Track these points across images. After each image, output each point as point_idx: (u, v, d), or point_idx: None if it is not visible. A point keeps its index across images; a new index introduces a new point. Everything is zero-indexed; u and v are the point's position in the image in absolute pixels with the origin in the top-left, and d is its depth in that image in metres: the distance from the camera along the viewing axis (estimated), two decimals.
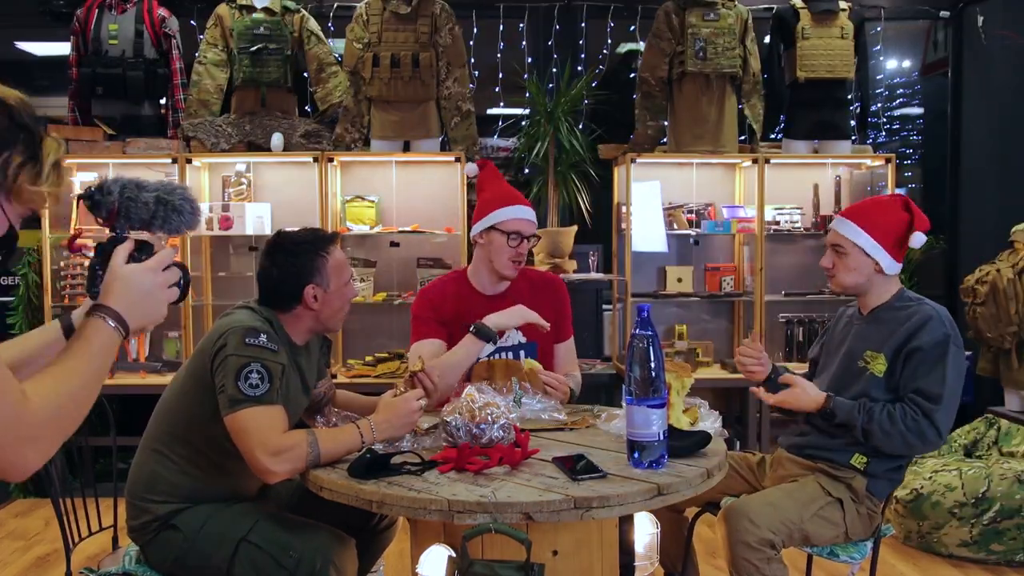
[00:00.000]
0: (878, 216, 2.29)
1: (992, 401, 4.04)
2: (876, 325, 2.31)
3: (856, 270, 2.29)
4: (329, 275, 2.07)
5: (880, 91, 5.18)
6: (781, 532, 2.13)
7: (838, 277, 2.32)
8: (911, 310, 2.27)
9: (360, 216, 4.40)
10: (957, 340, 2.23)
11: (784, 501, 2.20)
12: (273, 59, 4.24)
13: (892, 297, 2.33)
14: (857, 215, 2.31)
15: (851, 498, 2.24)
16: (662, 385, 1.84)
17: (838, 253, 2.31)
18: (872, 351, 2.27)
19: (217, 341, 1.94)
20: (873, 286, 2.32)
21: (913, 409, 2.17)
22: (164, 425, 2.06)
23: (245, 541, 1.97)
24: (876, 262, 2.28)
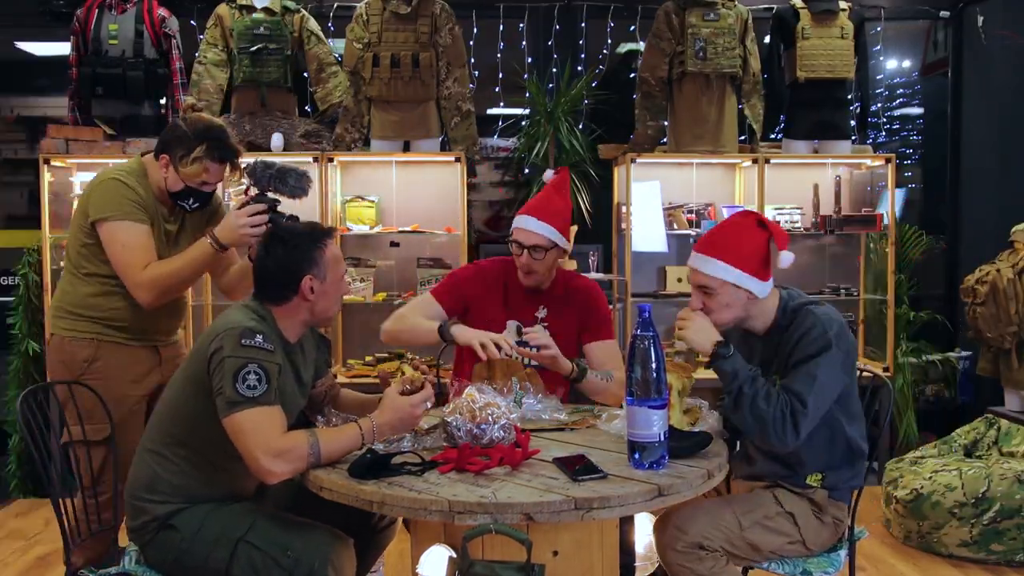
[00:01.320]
0: (736, 243, 2.11)
1: (992, 401, 4.04)
2: (772, 349, 2.20)
3: (730, 305, 2.12)
4: (326, 267, 2.07)
5: (880, 91, 5.18)
6: (715, 537, 2.05)
7: (713, 317, 2.13)
8: (794, 324, 2.14)
9: (360, 216, 4.40)
10: (841, 342, 2.08)
11: (719, 508, 2.12)
12: (273, 59, 4.24)
13: (777, 314, 2.18)
14: (714, 249, 2.12)
15: (812, 511, 2.16)
16: (663, 386, 1.84)
17: (706, 294, 2.13)
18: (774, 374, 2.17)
19: (212, 343, 1.93)
20: (752, 312, 2.17)
21: (787, 404, 2.03)
22: (163, 426, 2.06)
23: (243, 541, 1.97)
24: (748, 291, 2.11)
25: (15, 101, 5.52)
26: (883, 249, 4.49)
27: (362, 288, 4.31)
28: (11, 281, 4.50)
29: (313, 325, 2.16)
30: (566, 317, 2.65)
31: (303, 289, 2.04)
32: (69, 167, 4.33)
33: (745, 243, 2.12)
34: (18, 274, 4.29)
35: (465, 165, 4.26)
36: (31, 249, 4.27)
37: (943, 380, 4.65)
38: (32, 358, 4.26)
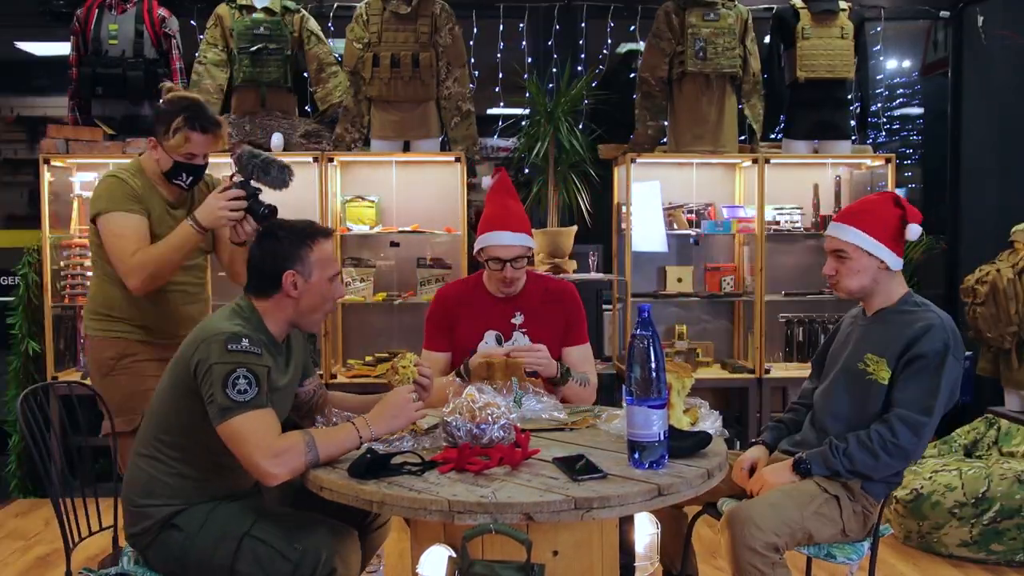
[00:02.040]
0: (873, 215, 2.28)
1: (992, 401, 4.04)
2: (881, 327, 2.30)
3: (861, 272, 2.28)
4: (312, 266, 2.05)
5: (880, 91, 5.18)
6: (784, 533, 2.12)
7: (843, 282, 2.30)
8: (916, 315, 2.26)
9: (360, 216, 4.40)
10: (957, 351, 2.22)
11: (784, 501, 2.19)
12: (273, 59, 4.24)
13: (899, 300, 2.32)
14: (852, 217, 2.30)
15: (847, 496, 2.23)
16: (663, 385, 1.84)
17: (840, 258, 2.29)
18: (874, 354, 2.26)
19: (197, 351, 1.92)
20: (880, 286, 2.31)
21: (888, 430, 2.17)
22: (155, 430, 2.05)
23: (248, 536, 1.96)
24: (880, 260, 2.27)
25: (15, 101, 5.52)
26: None
27: (362, 288, 4.31)
28: (11, 281, 4.50)
29: (298, 326, 2.13)
30: (546, 319, 2.65)
31: (285, 284, 2.03)
32: (69, 167, 4.34)
33: (881, 216, 2.28)
34: (18, 274, 4.29)
35: (465, 165, 4.26)
36: (31, 249, 4.27)
37: None
38: (32, 358, 4.27)
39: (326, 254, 2.09)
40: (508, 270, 2.57)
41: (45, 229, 4.15)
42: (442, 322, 2.68)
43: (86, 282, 4.28)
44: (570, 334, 2.67)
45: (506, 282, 2.60)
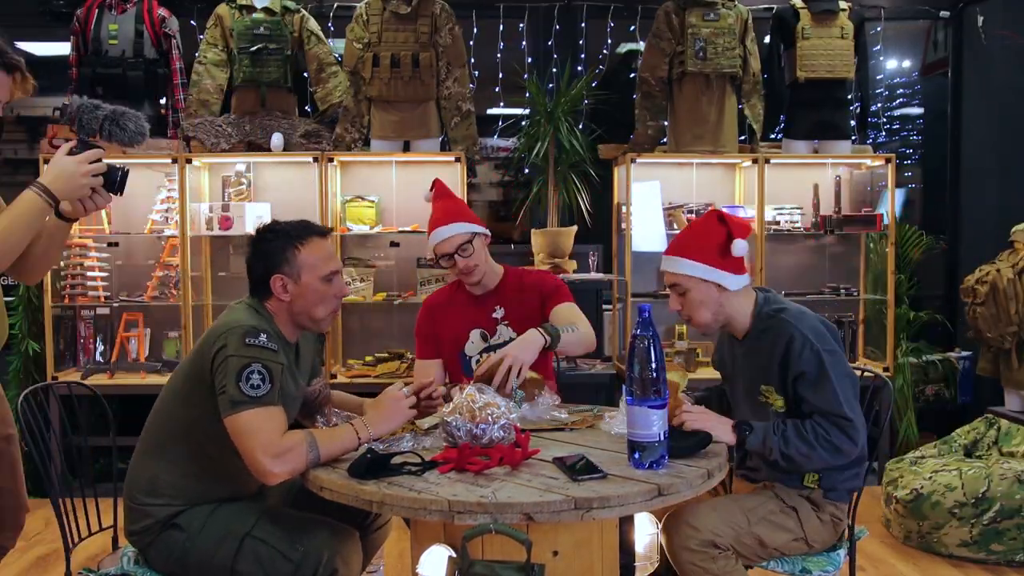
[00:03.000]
0: (697, 240, 2.20)
1: (992, 401, 4.04)
2: (753, 355, 2.23)
3: (704, 302, 2.18)
4: (300, 267, 2.04)
5: (880, 91, 5.18)
6: (725, 534, 2.08)
7: (693, 317, 2.21)
8: (772, 331, 2.17)
9: (360, 216, 4.39)
10: (827, 346, 2.12)
11: (728, 505, 2.15)
12: (273, 59, 4.24)
13: (752, 318, 2.22)
14: (680, 248, 2.22)
15: (810, 508, 2.19)
16: (663, 385, 1.84)
17: (679, 293, 2.22)
18: (764, 384, 2.20)
19: (216, 341, 1.93)
20: (729, 310, 2.21)
21: (823, 426, 2.09)
22: (162, 428, 2.05)
23: (250, 536, 1.97)
24: (716, 284, 2.16)
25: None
26: (883, 249, 4.49)
27: (362, 288, 4.31)
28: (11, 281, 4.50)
29: (303, 328, 2.13)
30: (525, 307, 2.66)
31: (274, 288, 2.03)
32: None
33: (705, 238, 2.19)
34: None
35: (465, 165, 4.26)
36: None
37: (943, 380, 4.65)
38: (32, 358, 4.26)
39: (318, 254, 2.07)
40: (459, 261, 2.58)
41: None
42: (429, 331, 2.74)
43: (86, 282, 4.29)
44: (551, 299, 2.64)
45: (465, 272, 2.60)
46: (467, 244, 2.59)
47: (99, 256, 4.32)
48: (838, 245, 4.72)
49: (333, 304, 2.11)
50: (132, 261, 4.50)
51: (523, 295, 2.69)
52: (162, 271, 4.31)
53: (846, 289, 4.53)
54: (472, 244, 2.59)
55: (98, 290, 4.30)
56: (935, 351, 4.70)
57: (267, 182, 4.50)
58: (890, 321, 4.40)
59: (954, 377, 4.63)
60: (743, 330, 2.25)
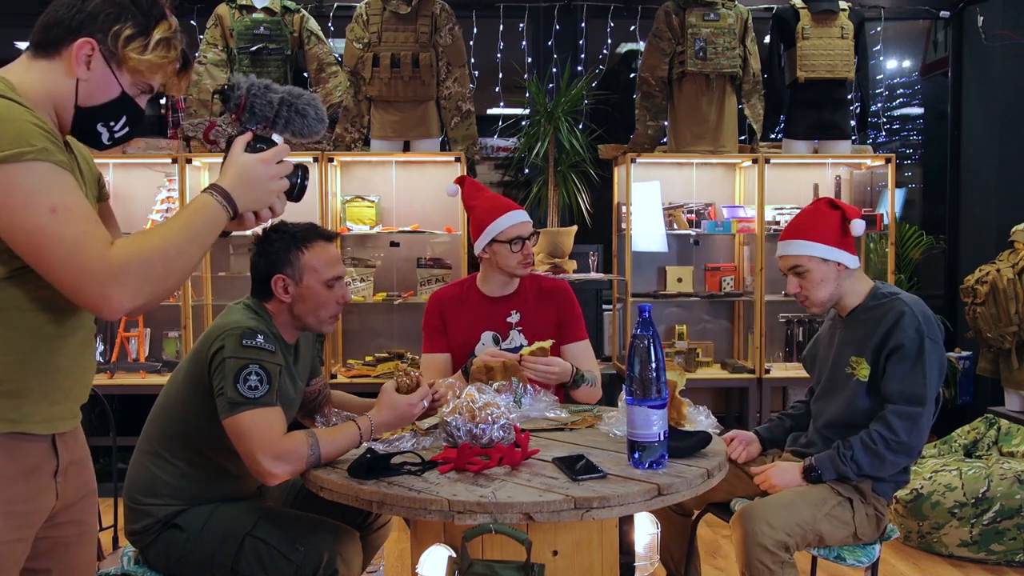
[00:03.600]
0: (814, 223, 2.30)
1: (992, 401, 4.04)
2: (855, 328, 2.31)
3: (824, 281, 2.29)
4: (302, 270, 2.04)
5: (880, 91, 5.18)
6: (796, 534, 2.13)
7: (811, 297, 2.31)
8: (884, 307, 2.26)
9: (360, 216, 4.40)
10: (932, 333, 2.22)
11: (797, 502, 2.19)
12: (273, 59, 4.24)
13: (866, 296, 2.33)
14: (796, 231, 2.32)
15: (860, 499, 2.24)
16: (663, 385, 1.84)
17: (799, 274, 2.31)
18: (855, 356, 2.28)
19: (214, 343, 1.93)
20: (844, 289, 2.32)
21: (886, 428, 2.17)
22: (162, 428, 2.05)
23: (250, 536, 1.97)
24: (837, 263, 2.28)
25: None
26: (883, 249, 4.49)
27: (362, 288, 4.31)
28: None
29: (304, 330, 2.13)
30: (542, 317, 2.65)
31: (275, 288, 2.03)
32: None
33: (821, 220, 2.30)
34: None
35: (465, 165, 4.26)
36: None
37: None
38: None
39: (323, 258, 2.07)
40: (527, 247, 2.61)
41: None
42: (438, 324, 2.68)
43: None
44: (568, 331, 2.67)
45: (526, 262, 2.61)
46: (534, 234, 2.64)
47: None
48: None
49: (334, 309, 2.11)
50: None
51: (540, 304, 2.68)
52: None
53: None
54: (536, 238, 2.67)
55: None
56: None
57: None
58: None
59: (954, 377, 4.63)
60: (852, 306, 2.33)
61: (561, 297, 2.70)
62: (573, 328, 2.68)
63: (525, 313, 2.66)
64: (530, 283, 2.72)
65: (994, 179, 4.71)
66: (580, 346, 2.67)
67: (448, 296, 2.72)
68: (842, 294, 2.32)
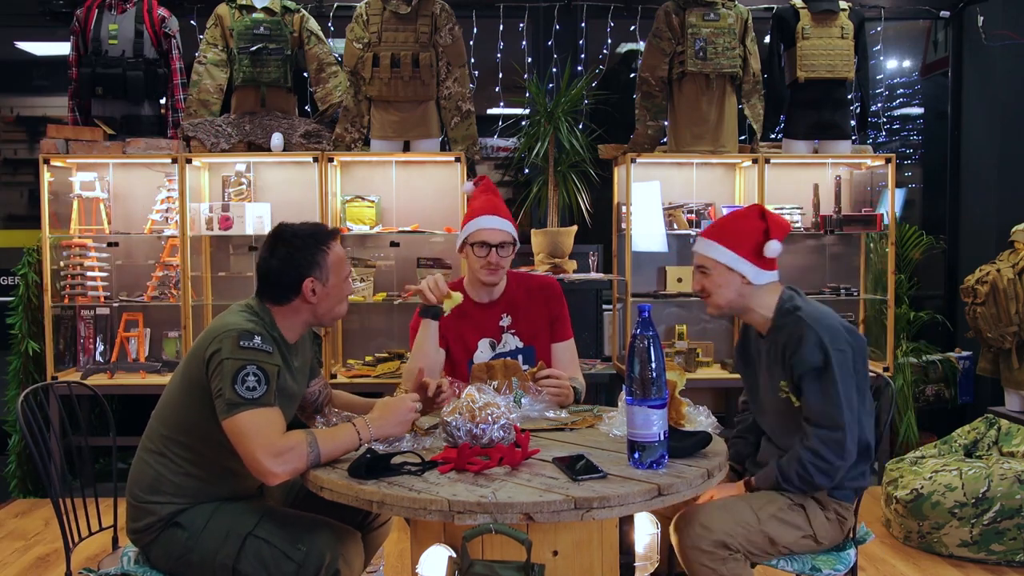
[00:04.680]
0: (734, 230, 2.26)
1: (992, 401, 4.04)
2: (773, 351, 2.25)
3: (723, 287, 2.25)
4: (328, 269, 2.07)
5: (880, 91, 5.18)
6: (737, 534, 2.09)
7: (711, 297, 2.28)
8: (787, 329, 2.20)
9: (360, 216, 4.40)
10: (837, 343, 2.14)
11: (737, 504, 2.16)
12: (273, 59, 4.24)
13: (773, 313, 2.26)
14: (716, 233, 2.28)
15: (816, 505, 2.20)
16: (663, 385, 1.84)
17: (703, 273, 2.29)
18: (783, 380, 2.23)
19: (210, 345, 1.93)
20: (749, 302, 2.26)
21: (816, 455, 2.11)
22: (163, 428, 2.05)
23: (252, 536, 1.97)
24: (741, 275, 2.23)
25: (15, 101, 5.52)
26: (883, 249, 4.49)
27: (362, 288, 4.31)
28: (11, 281, 4.51)
29: (317, 325, 2.16)
30: (532, 318, 2.66)
31: (305, 291, 2.04)
32: (69, 167, 4.34)
33: (741, 229, 2.26)
34: (18, 274, 4.29)
35: (465, 165, 4.26)
36: (31, 249, 4.27)
37: (943, 380, 4.65)
38: (32, 358, 4.27)
39: (339, 255, 2.11)
40: (493, 255, 2.55)
41: (45, 229, 4.15)
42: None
43: (86, 282, 4.29)
44: (556, 329, 2.69)
45: (491, 268, 2.56)
46: (509, 246, 2.60)
47: (99, 256, 4.32)
48: (838, 245, 4.72)
49: (346, 303, 2.17)
50: (132, 261, 4.50)
51: (530, 304, 2.68)
52: (162, 271, 4.31)
53: (846, 289, 4.53)
54: (512, 247, 2.62)
55: (98, 290, 4.30)
56: (935, 351, 4.70)
57: (267, 182, 4.50)
58: (890, 321, 4.40)
59: (954, 377, 4.63)
60: (764, 325, 2.29)
61: (550, 294, 2.70)
62: (561, 326, 2.70)
63: (516, 316, 2.66)
64: (517, 283, 2.71)
65: (994, 179, 4.71)
66: (566, 345, 2.71)
67: None
68: (745, 307, 2.27)
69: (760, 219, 2.25)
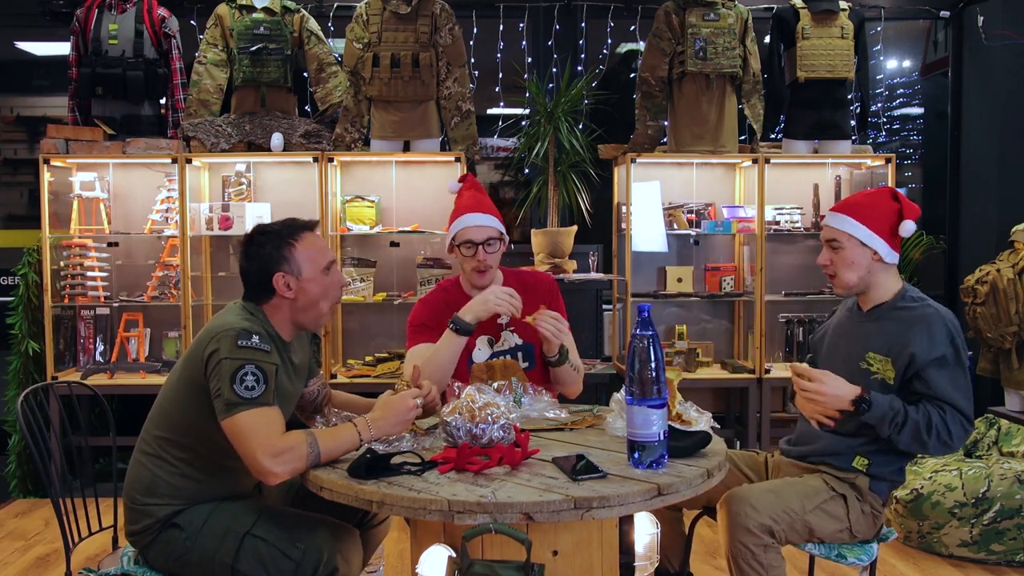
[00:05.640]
0: (869, 206, 2.26)
1: (992, 401, 4.04)
2: (879, 324, 2.26)
3: (855, 263, 2.25)
4: (299, 262, 2.04)
5: (880, 91, 5.18)
6: (782, 520, 2.12)
7: (839, 275, 2.27)
8: (915, 311, 2.22)
9: (360, 216, 4.40)
10: (964, 341, 2.21)
11: (786, 490, 2.19)
12: (273, 59, 4.24)
13: (895, 295, 2.28)
14: (849, 208, 2.28)
15: (856, 496, 2.23)
16: (663, 385, 1.84)
17: (834, 248, 2.27)
18: (876, 354, 2.23)
19: (208, 345, 1.93)
20: (874, 279, 2.28)
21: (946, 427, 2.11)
22: (160, 429, 2.05)
23: (250, 535, 1.97)
24: (874, 251, 2.24)
25: (15, 101, 5.52)
26: None
27: (362, 288, 4.31)
28: (11, 281, 4.50)
29: (304, 326, 2.11)
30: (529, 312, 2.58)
31: (278, 287, 2.03)
32: (69, 167, 4.34)
33: (877, 207, 2.26)
34: (18, 274, 4.29)
35: (465, 165, 4.26)
36: (31, 249, 4.27)
37: None
38: (32, 358, 4.27)
39: (313, 247, 2.07)
40: (481, 253, 2.52)
41: (45, 229, 4.15)
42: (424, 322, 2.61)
43: (86, 282, 4.29)
44: None
45: (480, 267, 2.54)
46: (495, 240, 2.55)
47: (99, 256, 4.32)
48: None
49: (336, 294, 2.12)
50: (132, 261, 4.50)
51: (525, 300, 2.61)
52: (162, 271, 4.31)
53: None
54: (499, 243, 2.58)
55: (98, 290, 4.30)
56: None
57: (267, 182, 4.50)
58: None
59: None
60: (878, 301, 2.29)
61: (544, 289, 2.68)
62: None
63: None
64: (511, 279, 2.68)
65: (994, 179, 4.71)
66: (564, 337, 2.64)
67: (435, 300, 2.67)
68: (870, 284, 2.28)
69: (894, 200, 2.27)
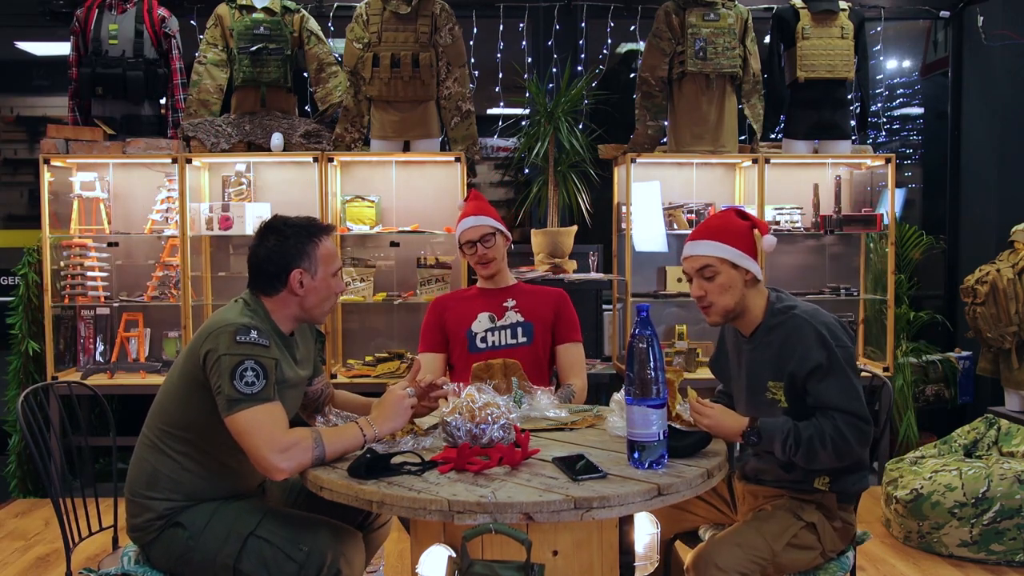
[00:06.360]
0: (727, 229, 2.16)
1: (992, 401, 4.04)
2: (763, 350, 2.18)
3: (731, 287, 2.14)
4: (317, 262, 2.07)
5: (880, 91, 5.18)
6: (752, 571, 2.03)
7: (715, 303, 2.16)
8: (787, 327, 2.13)
9: (360, 216, 4.40)
10: (839, 340, 2.08)
11: (752, 538, 2.08)
12: (273, 59, 4.24)
13: (764, 313, 2.18)
14: (711, 233, 2.17)
15: (824, 517, 2.15)
16: (662, 385, 1.84)
17: (706, 278, 2.15)
18: (772, 381, 2.15)
19: (206, 342, 1.93)
20: (748, 302, 2.17)
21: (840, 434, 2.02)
22: (162, 424, 2.05)
23: (253, 536, 1.97)
24: (746, 271, 2.14)
25: (15, 101, 5.52)
26: (883, 249, 4.49)
27: (362, 288, 4.31)
28: (11, 281, 4.50)
29: (304, 321, 2.15)
30: (538, 304, 2.85)
31: (292, 282, 2.04)
32: (69, 167, 4.34)
33: (732, 228, 2.18)
34: (18, 274, 4.29)
35: (465, 165, 4.26)
36: (31, 249, 4.27)
37: (943, 380, 4.65)
38: (32, 358, 4.27)
39: (330, 250, 2.11)
40: (480, 248, 2.79)
41: (45, 229, 4.15)
42: (437, 323, 2.87)
43: (86, 282, 4.29)
44: (563, 330, 2.85)
45: (483, 261, 2.81)
46: (490, 236, 2.81)
47: (99, 256, 4.32)
48: (838, 245, 4.72)
49: (335, 301, 2.17)
50: (132, 261, 4.50)
51: (537, 298, 2.88)
52: (162, 271, 4.31)
53: (846, 289, 4.53)
54: (495, 238, 2.82)
55: (98, 290, 4.30)
56: (935, 351, 4.70)
57: (267, 182, 4.51)
58: (890, 321, 4.40)
59: (954, 377, 4.63)
60: (752, 325, 2.20)
61: (557, 299, 2.89)
62: (567, 327, 2.86)
63: (521, 301, 2.86)
64: (526, 285, 2.95)
65: (994, 179, 4.71)
66: (571, 348, 2.85)
67: (450, 297, 2.96)
68: (745, 307, 2.17)
69: (743, 218, 2.19)
